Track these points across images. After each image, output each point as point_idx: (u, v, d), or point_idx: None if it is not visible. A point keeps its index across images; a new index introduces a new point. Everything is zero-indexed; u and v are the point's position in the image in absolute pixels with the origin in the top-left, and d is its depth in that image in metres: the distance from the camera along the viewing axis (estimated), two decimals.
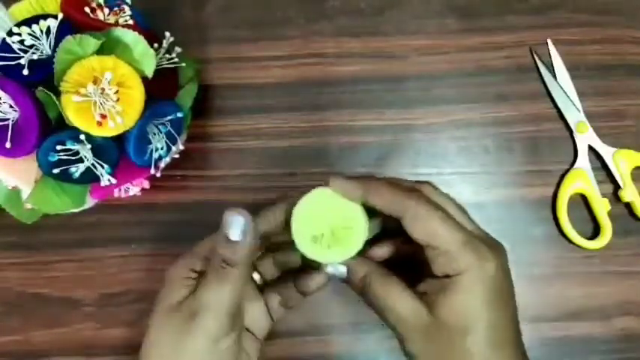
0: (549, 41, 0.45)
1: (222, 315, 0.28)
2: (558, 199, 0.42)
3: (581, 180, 0.42)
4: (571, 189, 0.42)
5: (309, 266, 0.32)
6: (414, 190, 0.29)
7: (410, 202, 0.28)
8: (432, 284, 0.28)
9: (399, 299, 0.28)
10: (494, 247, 0.28)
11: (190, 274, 0.30)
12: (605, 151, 0.43)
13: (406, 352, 0.28)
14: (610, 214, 0.41)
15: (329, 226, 0.30)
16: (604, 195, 0.42)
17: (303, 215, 0.30)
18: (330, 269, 0.30)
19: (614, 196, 0.43)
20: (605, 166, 0.43)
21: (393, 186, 0.29)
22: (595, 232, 0.42)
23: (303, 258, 0.31)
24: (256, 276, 0.34)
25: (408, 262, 0.32)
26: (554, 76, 0.44)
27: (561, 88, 0.44)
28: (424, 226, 0.27)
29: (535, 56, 0.44)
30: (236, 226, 0.28)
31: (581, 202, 0.43)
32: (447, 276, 0.27)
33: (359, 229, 0.30)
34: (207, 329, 0.28)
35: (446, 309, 0.27)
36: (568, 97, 0.44)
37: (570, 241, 0.42)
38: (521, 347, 0.28)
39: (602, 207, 0.42)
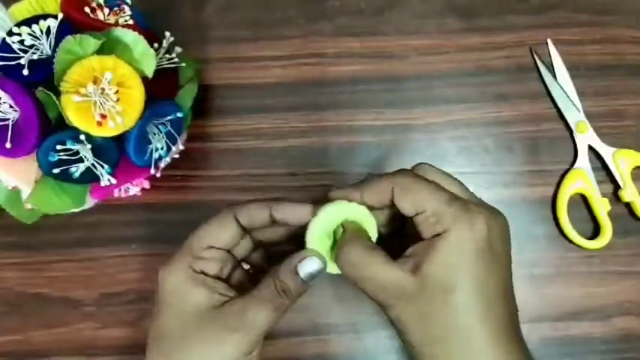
0: (549, 41, 0.45)
1: (260, 334, 0.28)
2: (558, 199, 0.42)
3: (581, 180, 0.42)
4: (571, 189, 0.42)
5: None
6: (401, 170, 0.30)
7: (396, 178, 0.29)
8: (420, 246, 0.27)
9: (378, 269, 0.27)
10: (491, 211, 0.28)
11: (197, 277, 0.29)
12: (605, 151, 0.43)
13: (391, 319, 0.28)
14: (610, 214, 0.41)
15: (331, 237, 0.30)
16: (604, 195, 0.42)
17: (319, 226, 0.30)
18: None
19: (614, 196, 0.43)
20: (605, 166, 0.43)
21: (380, 174, 0.30)
22: (595, 232, 0.42)
23: None
24: (246, 266, 0.34)
25: None
26: (554, 76, 0.44)
27: (561, 88, 0.44)
28: (411, 196, 0.28)
29: (535, 56, 0.44)
30: (310, 268, 0.29)
31: (581, 202, 0.43)
32: (435, 236, 0.27)
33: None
34: (244, 345, 0.28)
35: (431, 266, 0.26)
36: (568, 97, 0.43)
37: (570, 241, 0.42)
38: (512, 309, 0.28)
39: (602, 207, 0.42)
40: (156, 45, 0.35)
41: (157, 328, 0.29)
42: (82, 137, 0.32)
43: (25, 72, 0.31)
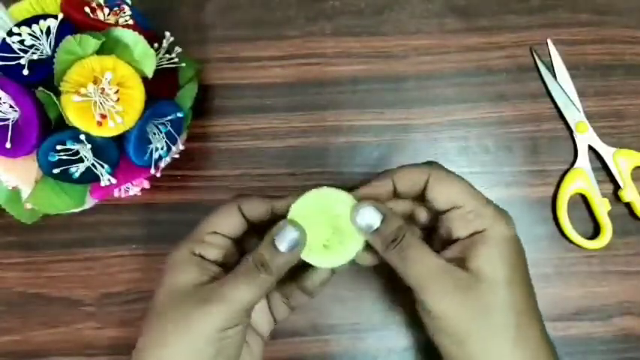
0: (549, 41, 0.45)
1: (236, 311, 0.28)
2: (558, 199, 0.42)
3: (581, 180, 0.42)
4: (571, 189, 0.42)
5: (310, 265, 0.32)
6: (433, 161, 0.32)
7: (432, 169, 0.30)
8: (460, 245, 0.29)
9: (432, 255, 0.28)
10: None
11: (193, 258, 0.30)
12: (605, 151, 0.43)
13: (429, 309, 0.28)
14: (610, 214, 0.41)
15: (325, 229, 0.30)
16: (604, 195, 0.42)
17: (299, 216, 0.30)
18: (360, 220, 0.29)
19: (614, 196, 0.43)
20: (605, 166, 0.43)
21: (411, 164, 0.31)
22: (595, 232, 0.42)
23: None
24: None
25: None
26: (554, 76, 0.44)
27: (561, 88, 0.44)
28: (449, 188, 0.29)
29: (535, 56, 0.44)
30: (288, 238, 0.29)
31: (581, 202, 0.43)
32: (474, 233, 0.28)
33: (355, 232, 0.30)
34: (217, 319, 0.28)
35: (481, 260, 0.27)
36: (568, 97, 0.44)
37: (570, 241, 0.42)
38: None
39: (602, 207, 0.42)
40: (156, 45, 0.35)
41: (149, 307, 0.30)
42: (82, 137, 0.32)
43: (25, 72, 0.31)
